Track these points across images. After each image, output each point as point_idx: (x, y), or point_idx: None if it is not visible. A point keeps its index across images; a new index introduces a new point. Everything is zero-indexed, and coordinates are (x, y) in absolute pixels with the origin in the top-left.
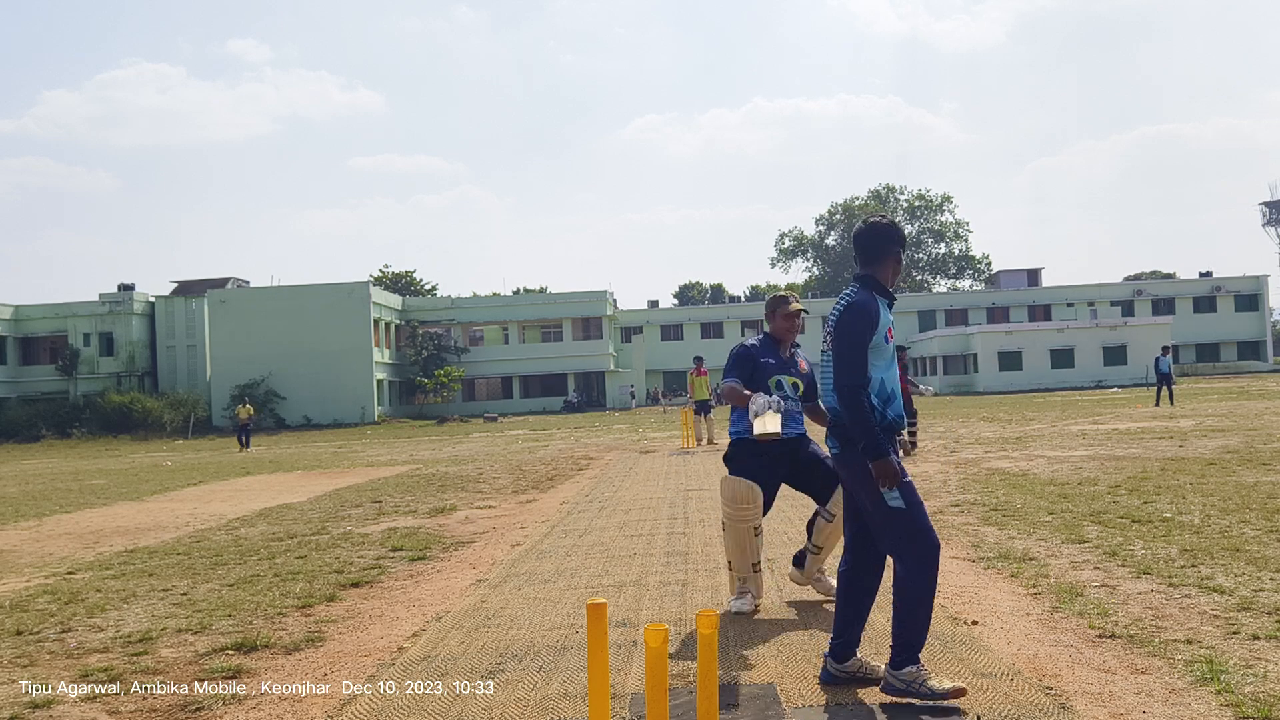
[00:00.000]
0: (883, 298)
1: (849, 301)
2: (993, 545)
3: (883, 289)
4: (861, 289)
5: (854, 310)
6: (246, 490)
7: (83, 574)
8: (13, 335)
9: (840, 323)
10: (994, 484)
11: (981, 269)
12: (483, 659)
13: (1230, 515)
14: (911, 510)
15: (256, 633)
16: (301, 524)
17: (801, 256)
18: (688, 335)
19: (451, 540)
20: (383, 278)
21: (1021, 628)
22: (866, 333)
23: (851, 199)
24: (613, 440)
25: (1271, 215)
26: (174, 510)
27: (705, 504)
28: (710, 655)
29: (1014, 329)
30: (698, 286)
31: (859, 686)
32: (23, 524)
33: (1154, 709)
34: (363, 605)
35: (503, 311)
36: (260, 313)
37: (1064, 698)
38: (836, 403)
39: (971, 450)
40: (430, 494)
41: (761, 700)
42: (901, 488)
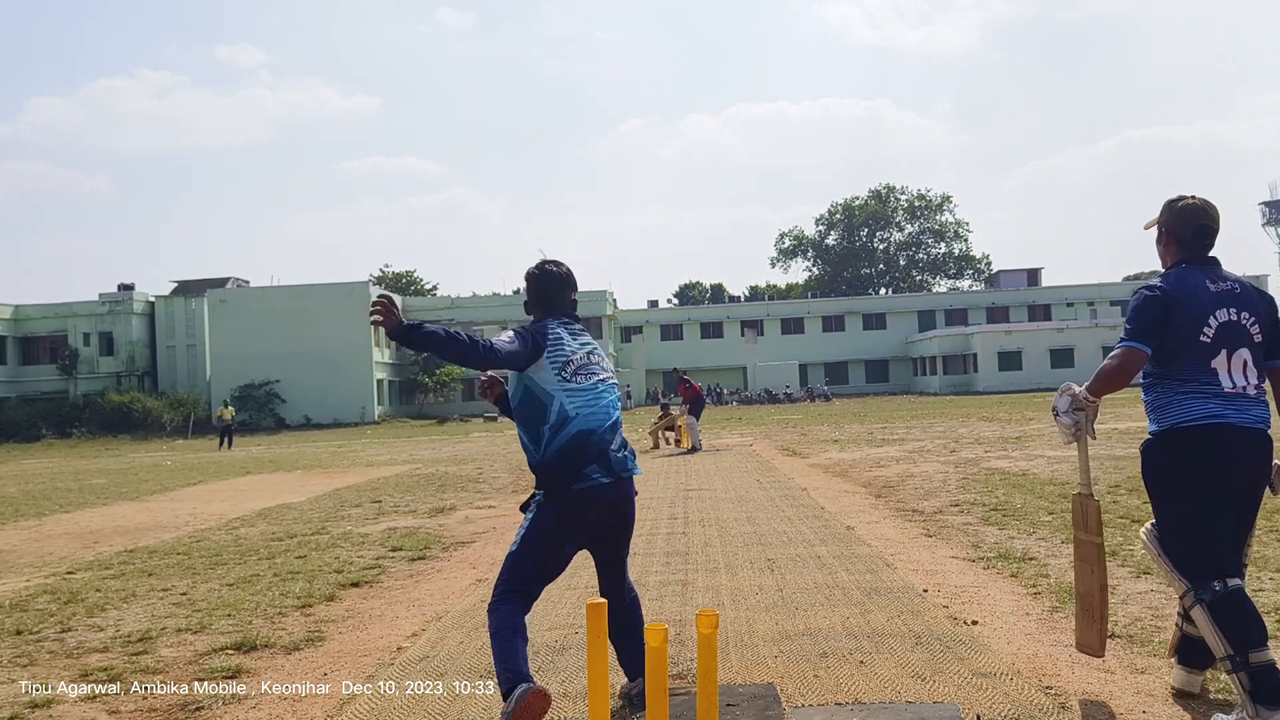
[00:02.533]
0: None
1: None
2: (993, 545)
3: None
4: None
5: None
6: (246, 490)
7: (82, 574)
8: (13, 335)
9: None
10: (994, 484)
11: (981, 269)
12: (482, 659)
13: None
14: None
15: (256, 633)
16: (301, 524)
17: (801, 256)
18: (687, 335)
19: (451, 540)
20: (383, 278)
21: (1021, 628)
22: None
23: (852, 199)
24: None
25: (1271, 215)
26: (174, 510)
27: (705, 504)
28: (710, 655)
29: (1014, 329)
30: (698, 286)
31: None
32: (23, 524)
33: (1154, 709)
34: (362, 605)
35: (503, 311)
36: (260, 312)
37: (1064, 698)
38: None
39: (971, 450)
40: (430, 494)
41: (761, 700)
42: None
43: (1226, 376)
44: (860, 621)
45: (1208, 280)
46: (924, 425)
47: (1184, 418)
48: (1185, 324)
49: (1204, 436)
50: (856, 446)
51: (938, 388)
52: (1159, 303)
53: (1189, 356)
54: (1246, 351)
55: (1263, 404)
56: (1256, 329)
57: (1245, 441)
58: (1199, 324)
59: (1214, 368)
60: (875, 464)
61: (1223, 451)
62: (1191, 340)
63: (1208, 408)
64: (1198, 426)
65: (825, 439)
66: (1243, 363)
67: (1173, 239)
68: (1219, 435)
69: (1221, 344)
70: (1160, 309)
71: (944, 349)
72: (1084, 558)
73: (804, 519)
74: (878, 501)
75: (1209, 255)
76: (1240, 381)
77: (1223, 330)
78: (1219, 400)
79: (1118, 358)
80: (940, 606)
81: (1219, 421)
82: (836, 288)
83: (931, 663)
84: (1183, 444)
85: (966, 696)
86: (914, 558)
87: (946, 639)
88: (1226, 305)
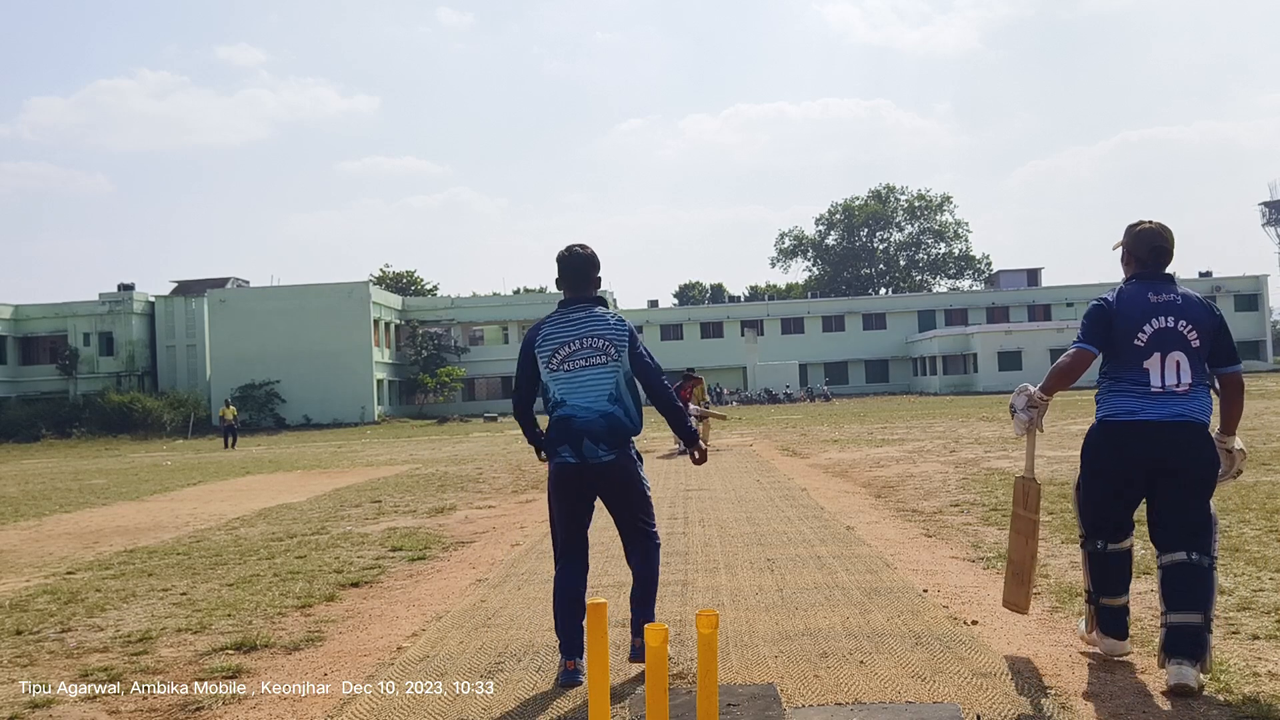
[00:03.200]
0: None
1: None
2: (993, 545)
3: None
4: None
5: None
6: (246, 490)
7: (82, 574)
8: (13, 335)
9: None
10: (994, 484)
11: (981, 269)
12: (482, 659)
13: (1230, 515)
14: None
15: (256, 632)
16: (301, 524)
17: (801, 256)
18: (687, 335)
19: (451, 540)
20: (383, 278)
21: (1021, 628)
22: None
23: (852, 199)
24: None
25: (1271, 215)
26: (174, 510)
27: (705, 504)
28: (710, 655)
29: (1014, 329)
30: (698, 286)
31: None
32: (23, 524)
33: (1154, 709)
34: (362, 605)
35: (502, 311)
36: (260, 312)
37: (1064, 698)
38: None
39: (971, 450)
40: (430, 494)
41: (761, 700)
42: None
43: (1158, 376)
44: (860, 621)
45: (1149, 293)
46: (924, 425)
47: (1109, 412)
48: (1122, 330)
49: (1118, 430)
50: (856, 447)
51: (938, 388)
52: (1102, 311)
53: (1123, 357)
54: (1181, 354)
55: (1192, 399)
56: (1194, 335)
57: (1155, 435)
58: (1134, 330)
59: (1146, 368)
60: (875, 464)
61: (1129, 443)
62: (1126, 344)
63: (1127, 404)
64: (1116, 421)
65: (825, 439)
66: (1175, 364)
67: (1132, 257)
68: (1129, 430)
69: (1155, 347)
70: (1103, 316)
71: (944, 349)
72: (1020, 530)
73: (804, 519)
74: (878, 501)
75: (1163, 272)
76: (1170, 380)
77: (1156, 336)
78: (1141, 398)
79: (1070, 357)
80: (940, 606)
81: (1132, 418)
82: (836, 288)
83: (931, 663)
84: (1104, 434)
85: (966, 696)
86: (914, 558)
87: (946, 639)
88: (1163, 314)
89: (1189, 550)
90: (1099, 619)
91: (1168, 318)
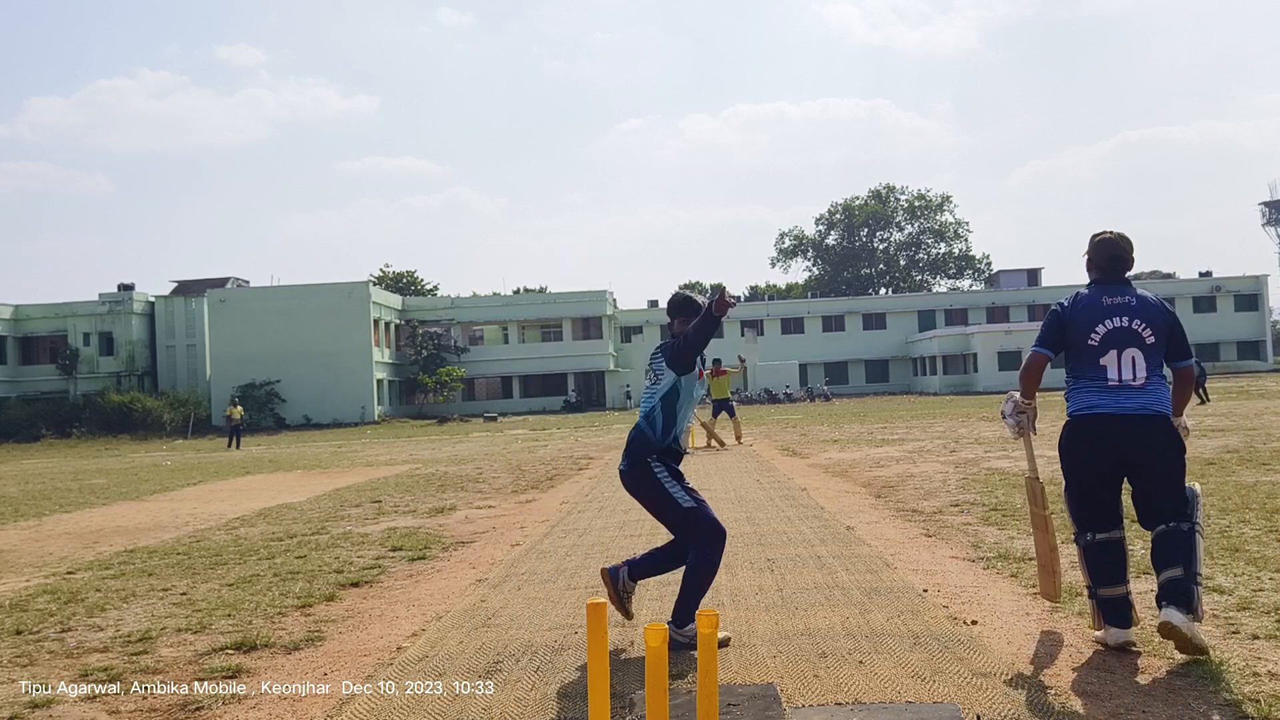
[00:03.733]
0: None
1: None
2: (993, 545)
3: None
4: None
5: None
6: (246, 490)
7: (82, 574)
8: (13, 335)
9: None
10: (994, 484)
11: (981, 269)
12: (482, 659)
13: (1230, 515)
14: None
15: (256, 632)
16: (301, 524)
17: (801, 256)
18: None
19: (451, 540)
20: (383, 278)
21: (1021, 628)
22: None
23: (852, 199)
24: (613, 440)
25: (1271, 215)
26: (174, 510)
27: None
28: (710, 655)
29: (1014, 329)
30: (698, 286)
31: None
32: (23, 524)
33: (1154, 709)
34: (362, 605)
35: (502, 311)
36: (260, 312)
37: (1064, 698)
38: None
39: (971, 450)
40: (430, 494)
41: (761, 700)
42: (689, 491)
43: (1115, 371)
44: (860, 621)
45: (1104, 296)
46: (924, 425)
47: (1074, 408)
48: (1076, 332)
49: (1083, 424)
50: (856, 446)
51: (938, 388)
52: (1056, 317)
53: (1082, 356)
54: (1136, 350)
55: (1149, 393)
56: (1149, 333)
57: (1117, 426)
58: (1087, 331)
59: (1103, 364)
60: (875, 464)
61: (1095, 435)
62: (1081, 344)
63: (1088, 399)
64: (1080, 415)
65: (825, 439)
66: (1131, 359)
67: (1093, 264)
68: (1092, 422)
69: (1110, 345)
70: (1056, 321)
71: (944, 349)
72: (1038, 526)
73: (804, 519)
74: (877, 501)
75: (1120, 276)
76: (1127, 375)
77: (1110, 335)
78: (1100, 393)
79: (1027, 360)
80: (940, 606)
81: (1093, 411)
82: (836, 288)
83: (931, 663)
84: (1072, 429)
85: (966, 696)
86: (914, 558)
87: (946, 639)
88: (1117, 315)
89: (1169, 521)
90: (1101, 611)
91: (1122, 318)
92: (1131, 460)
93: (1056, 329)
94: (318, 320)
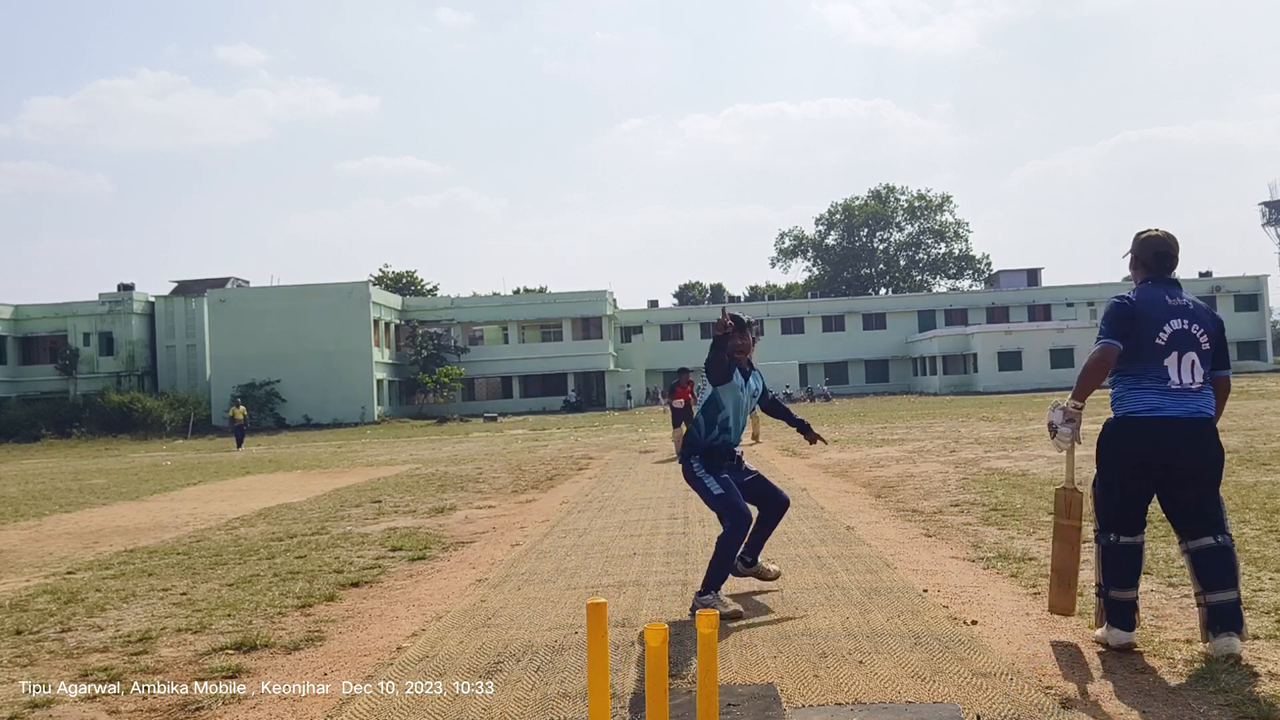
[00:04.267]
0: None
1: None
2: (993, 545)
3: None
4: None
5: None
6: (246, 490)
7: (82, 574)
8: (13, 335)
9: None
10: (994, 484)
11: (981, 269)
12: (482, 659)
13: (1230, 515)
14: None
15: (256, 632)
16: (301, 524)
17: (801, 256)
18: (687, 335)
19: (451, 540)
20: (383, 278)
21: (1021, 628)
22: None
23: (852, 199)
24: (612, 440)
25: (1271, 215)
26: (174, 510)
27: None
28: (710, 655)
29: (1014, 329)
30: (698, 286)
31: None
32: (23, 524)
33: (1154, 709)
34: (362, 605)
35: (502, 311)
36: (260, 312)
37: (1064, 698)
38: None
39: (971, 450)
40: (430, 494)
41: (761, 700)
42: (721, 482)
43: (1176, 374)
44: (860, 621)
45: (1166, 296)
46: (924, 425)
47: (1132, 408)
48: (1145, 329)
49: (1143, 426)
50: (856, 446)
51: (938, 388)
52: (1125, 309)
53: (1145, 355)
54: (1194, 355)
55: (1205, 396)
56: (1205, 339)
57: (1177, 430)
58: (1155, 329)
59: (1165, 366)
60: (875, 464)
61: (1155, 439)
62: (1148, 342)
63: (1150, 401)
64: (1140, 417)
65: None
66: (1190, 363)
67: (1139, 262)
68: (1154, 425)
69: (1173, 347)
70: (1125, 312)
71: (944, 349)
72: (1065, 539)
73: (804, 519)
74: (877, 501)
75: (1169, 276)
76: (1186, 379)
77: (1175, 336)
78: (1163, 395)
79: (1098, 353)
80: (940, 606)
81: (1156, 414)
82: (836, 288)
83: (931, 663)
84: (1125, 430)
85: (966, 696)
86: (914, 558)
87: (946, 639)
88: (1179, 317)
89: (1214, 534)
90: (1108, 611)
91: (1184, 320)
92: (1180, 465)
93: (1126, 320)
94: (317, 320)
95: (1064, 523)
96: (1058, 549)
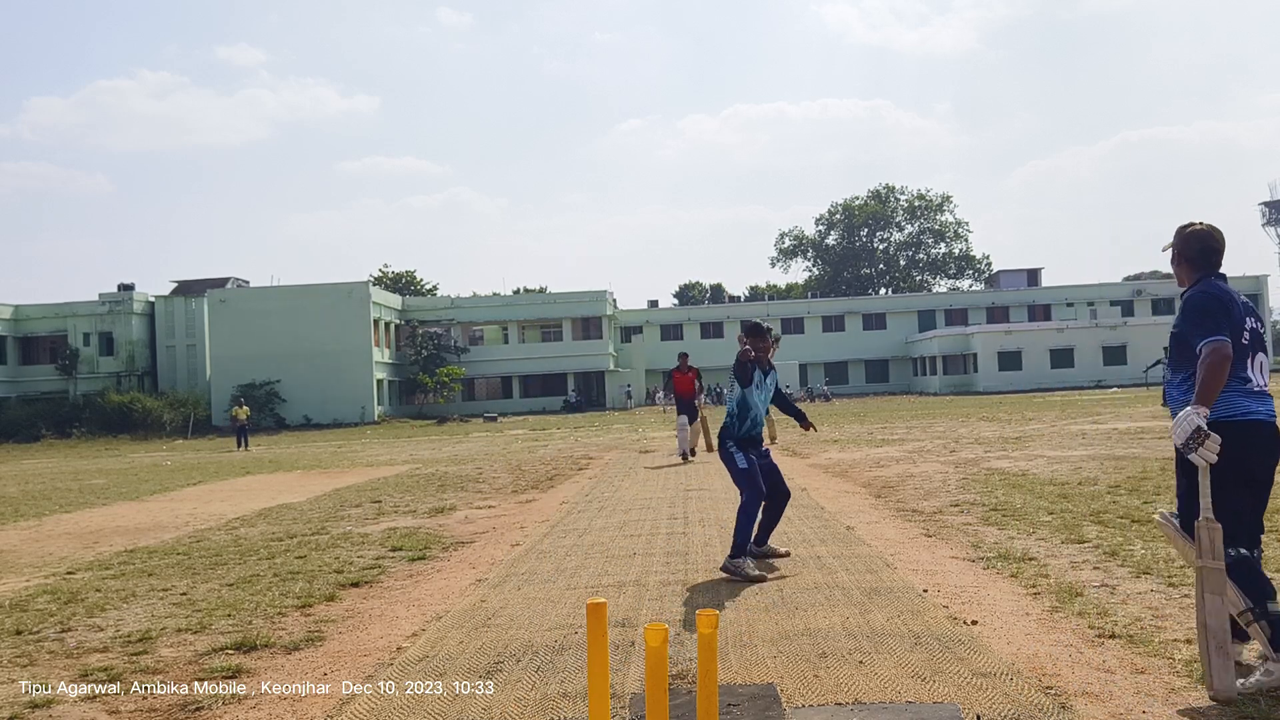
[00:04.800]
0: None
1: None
2: (993, 545)
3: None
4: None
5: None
6: (246, 490)
7: (82, 574)
8: (13, 335)
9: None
10: (994, 484)
11: (981, 269)
12: (482, 659)
13: None
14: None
15: (256, 632)
16: (301, 524)
17: (801, 256)
18: (687, 335)
19: (451, 540)
20: (383, 278)
21: (1021, 628)
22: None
23: (852, 199)
24: (612, 440)
25: (1271, 215)
26: (174, 510)
27: (705, 504)
28: (710, 655)
29: (1014, 329)
30: (698, 286)
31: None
32: (23, 524)
33: (1154, 709)
34: (362, 605)
35: (502, 311)
36: (260, 313)
37: (1064, 698)
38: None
39: (971, 450)
40: (430, 494)
41: (761, 700)
42: (748, 460)
43: (1254, 375)
44: (860, 621)
45: (1237, 294)
46: (924, 425)
47: (1226, 413)
48: (1235, 326)
49: (1241, 429)
50: (856, 446)
51: (938, 388)
52: (1221, 302)
53: (1235, 355)
54: (1263, 355)
55: (1271, 399)
56: (1267, 339)
57: (1267, 433)
58: (1241, 327)
59: (1247, 365)
60: (875, 464)
61: (1252, 442)
62: (1236, 342)
63: (1241, 403)
64: (1237, 421)
65: (825, 439)
66: (1261, 364)
67: (1182, 258)
68: (1251, 429)
69: (1252, 348)
70: (1223, 307)
71: (944, 349)
72: (1213, 589)
73: (804, 519)
74: (877, 501)
75: (1219, 271)
76: (1260, 381)
77: (1253, 336)
78: (1248, 397)
79: (1216, 352)
80: (940, 606)
81: (1250, 417)
82: (836, 288)
83: (931, 663)
84: (1223, 436)
85: (966, 696)
86: (914, 558)
87: (946, 639)
88: (1251, 315)
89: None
90: (1273, 635)
91: (1254, 319)
92: (1269, 465)
93: (1225, 314)
94: (318, 320)
95: (1212, 566)
96: (1210, 604)
